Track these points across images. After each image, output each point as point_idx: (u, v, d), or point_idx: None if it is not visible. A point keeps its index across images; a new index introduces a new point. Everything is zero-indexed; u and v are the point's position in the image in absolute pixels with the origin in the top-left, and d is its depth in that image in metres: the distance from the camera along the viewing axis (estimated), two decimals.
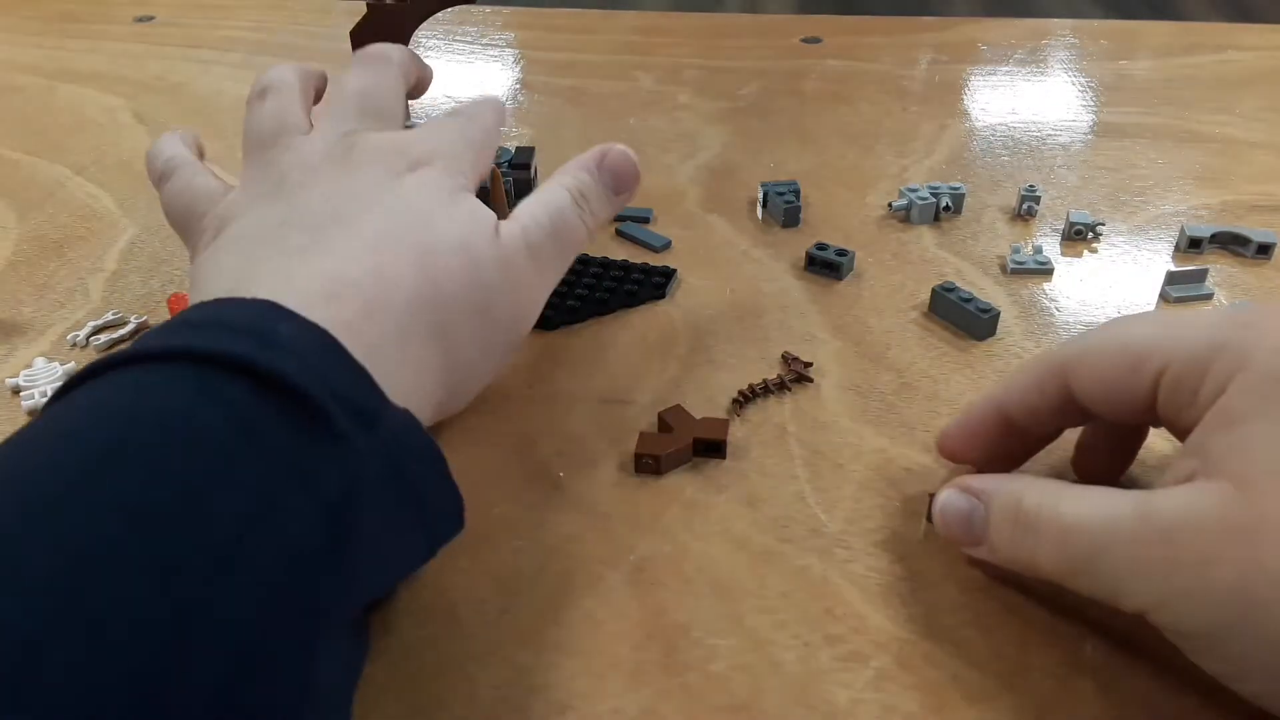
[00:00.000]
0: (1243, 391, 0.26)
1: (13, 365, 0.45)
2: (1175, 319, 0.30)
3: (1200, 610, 0.25)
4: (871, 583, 0.33)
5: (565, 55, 0.79)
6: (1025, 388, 0.33)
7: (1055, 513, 0.28)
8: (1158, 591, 0.26)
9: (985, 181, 0.58)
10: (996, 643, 0.31)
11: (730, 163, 0.61)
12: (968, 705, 0.29)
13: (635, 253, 0.52)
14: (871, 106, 0.69)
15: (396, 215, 0.34)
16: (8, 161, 0.64)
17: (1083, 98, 0.70)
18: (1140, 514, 0.26)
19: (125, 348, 0.27)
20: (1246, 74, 0.73)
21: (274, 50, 0.80)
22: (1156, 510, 0.26)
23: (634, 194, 0.42)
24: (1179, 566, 0.25)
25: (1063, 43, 0.79)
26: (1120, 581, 0.26)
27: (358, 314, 0.30)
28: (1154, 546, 0.25)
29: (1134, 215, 0.54)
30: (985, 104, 0.69)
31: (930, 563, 0.34)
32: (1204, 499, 0.25)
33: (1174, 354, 0.28)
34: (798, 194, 0.55)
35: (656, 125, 0.66)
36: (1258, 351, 0.26)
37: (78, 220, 0.57)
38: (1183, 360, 0.28)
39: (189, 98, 0.72)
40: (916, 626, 0.32)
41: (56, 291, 0.50)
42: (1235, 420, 0.26)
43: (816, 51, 0.78)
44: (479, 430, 0.41)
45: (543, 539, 0.35)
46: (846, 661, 0.31)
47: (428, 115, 0.69)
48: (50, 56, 0.80)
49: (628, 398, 0.42)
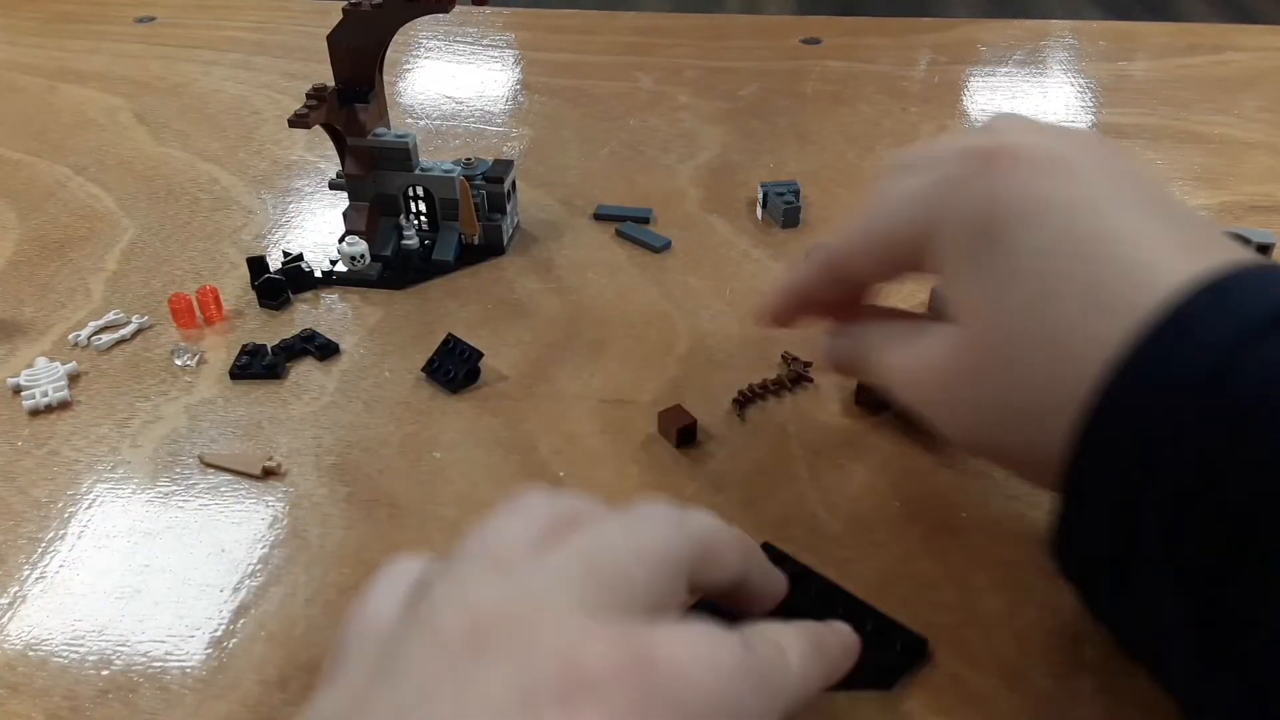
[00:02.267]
0: (944, 250, 0.30)
1: (14, 365, 0.45)
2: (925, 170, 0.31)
3: None
4: (871, 583, 0.33)
5: (565, 55, 0.79)
6: (851, 249, 0.34)
7: (880, 362, 0.33)
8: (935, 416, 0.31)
9: None
10: (996, 643, 0.31)
11: (730, 163, 0.61)
12: (968, 705, 0.30)
13: (636, 253, 0.52)
14: (871, 107, 0.69)
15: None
16: (9, 161, 0.64)
17: (1082, 98, 0.70)
18: (920, 359, 0.31)
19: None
20: (1245, 75, 0.73)
21: (274, 50, 0.81)
22: (925, 353, 0.31)
23: None
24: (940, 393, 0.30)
25: (1062, 43, 0.79)
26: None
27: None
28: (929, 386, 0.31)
29: None
30: (985, 105, 0.69)
31: (930, 562, 0.34)
32: (942, 344, 0.30)
33: (911, 229, 0.31)
34: (798, 194, 0.55)
35: (656, 125, 0.66)
36: (949, 215, 0.29)
37: (79, 220, 0.57)
38: (910, 231, 0.31)
39: (189, 98, 0.72)
40: (916, 626, 0.32)
41: (58, 291, 0.50)
42: (947, 276, 0.30)
43: (816, 52, 0.78)
44: (479, 430, 0.41)
45: None
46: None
47: (427, 117, 0.69)
48: (51, 57, 0.80)
49: (628, 398, 0.42)
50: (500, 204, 0.52)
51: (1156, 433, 0.23)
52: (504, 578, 0.24)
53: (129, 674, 0.31)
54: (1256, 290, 0.24)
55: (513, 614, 0.22)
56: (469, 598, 0.23)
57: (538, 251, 0.53)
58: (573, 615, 0.22)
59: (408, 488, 0.38)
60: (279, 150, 0.64)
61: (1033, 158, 0.28)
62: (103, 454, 0.40)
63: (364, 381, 0.44)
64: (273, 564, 0.35)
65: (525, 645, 0.22)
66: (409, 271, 0.51)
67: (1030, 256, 0.27)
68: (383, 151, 0.50)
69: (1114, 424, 0.24)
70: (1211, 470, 0.23)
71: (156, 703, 0.30)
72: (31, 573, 0.35)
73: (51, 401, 0.42)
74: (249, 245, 0.54)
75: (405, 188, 0.51)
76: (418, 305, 0.49)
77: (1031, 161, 0.28)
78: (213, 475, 0.39)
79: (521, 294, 0.49)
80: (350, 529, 0.36)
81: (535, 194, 0.58)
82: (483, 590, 0.23)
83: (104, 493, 0.38)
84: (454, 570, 0.25)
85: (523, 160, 0.62)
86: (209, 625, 0.33)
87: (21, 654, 0.32)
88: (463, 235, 0.52)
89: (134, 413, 0.42)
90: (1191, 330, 0.24)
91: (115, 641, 0.32)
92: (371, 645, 0.24)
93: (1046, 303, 0.27)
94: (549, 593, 0.23)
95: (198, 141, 0.66)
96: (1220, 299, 0.24)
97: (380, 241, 0.51)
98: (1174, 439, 0.23)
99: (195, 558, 0.35)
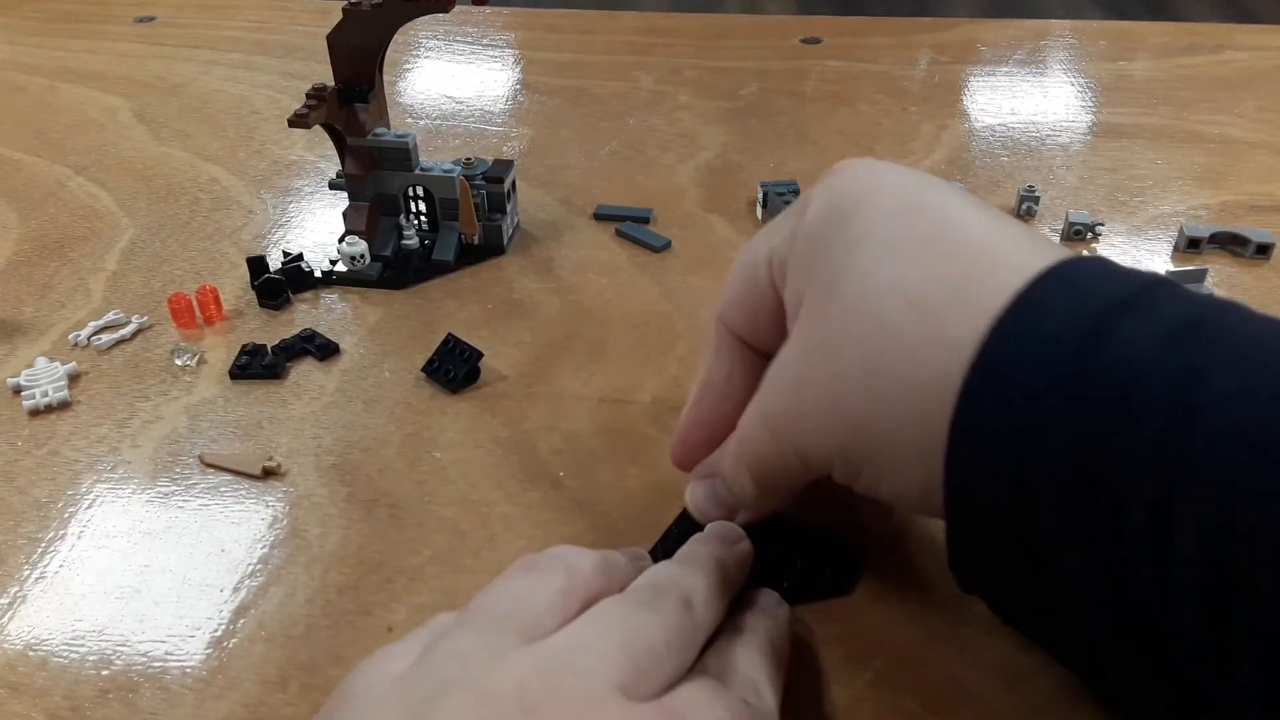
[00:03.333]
0: (794, 260, 0.29)
1: (14, 365, 0.45)
2: None
3: None
4: (871, 583, 0.33)
5: (565, 55, 0.79)
6: (725, 306, 0.33)
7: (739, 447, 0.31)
8: None
9: (985, 182, 0.58)
10: (996, 643, 0.31)
11: (730, 163, 0.61)
12: (968, 705, 0.30)
13: (636, 253, 0.52)
14: (871, 107, 0.69)
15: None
16: (8, 161, 0.64)
17: (1082, 98, 0.70)
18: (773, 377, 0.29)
19: None
20: (1245, 74, 0.73)
21: (274, 50, 0.81)
22: (776, 370, 0.29)
23: None
24: None
25: (1062, 43, 0.79)
26: None
27: None
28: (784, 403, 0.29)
29: (1133, 215, 0.55)
30: (984, 104, 0.69)
31: (930, 563, 0.34)
32: (790, 347, 0.29)
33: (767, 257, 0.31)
34: (798, 194, 0.55)
35: (656, 125, 0.66)
36: (801, 226, 0.29)
37: (78, 220, 0.57)
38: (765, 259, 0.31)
39: (189, 98, 0.72)
40: (916, 626, 0.32)
41: (57, 291, 0.50)
42: (796, 280, 0.29)
43: (816, 52, 0.78)
44: (479, 430, 0.41)
45: (543, 539, 0.35)
46: (846, 661, 0.31)
47: (427, 117, 0.69)
48: (51, 56, 0.80)
49: (628, 398, 0.42)
50: (500, 204, 0.52)
51: (1029, 423, 0.23)
52: (544, 646, 0.25)
53: (129, 674, 0.31)
54: (1102, 276, 0.25)
55: (558, 687, 0.24)
56: (514, 663, 0.24)
57: (538, 251, 0.53)
58: (613, 697, 0.24)
59: (408, 488, 0.38)
60: (279, 150, 0.64)
61: (870, 164, 0.29)
62: (103, 454, 0.40)
63: (364, 381, 0.44)
64: (273, 564, 0.35)
65: (575, 717, 0.23)
66: (409, 271, 0.51)
67: (883, 220, 0.27)
68: (383, 151, 0.50)
69: (986, 416, 0.24)
70: (1088, 452, 0.22)
71: (156, 703, 0.30)
72: (31, 573, 0.35)
73: (51, 401, 0.42)
74: (249, 245, 0.54)
75: (405, 188, 0.51)
76: (418, 305, 0.49)
77: (870, 164, 0.29)
78: (213, 475, 0.39)
79: (521, 294, 0.49)
80: (350, 529, 0.36)
81: (535, 194, 0.58)
82: (524, 658, 0.24)
83: (104, 493, 0.38)
84: (482, 629, 0.25)
85: (523, 160, 0.62)
86: (209, 625, 0.33)
87: (21, 654, 0.32)
88: (463, 235, 0.52)
89: (134, 413, 0.42)
90: (1051, 314, 0.24)
91: (115, 641, 0.32)
92: (390, 696, 0.24)
93: (904, 266, 0.26)
94: (591, 670, 0.24)
95: (198, 141, 0.66)
96: (1070, 284, 0.25)
97: (380, 241, 0.51)
98: (1043, 430, 0.23)
99: (195, 558, 0.35)
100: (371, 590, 0.34)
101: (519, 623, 0.25)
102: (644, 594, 0.27)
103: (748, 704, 0.26)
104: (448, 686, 0.24)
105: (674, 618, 0.27)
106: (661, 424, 0.41)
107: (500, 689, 0.23)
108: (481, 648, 0.25)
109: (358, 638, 0.32)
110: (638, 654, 0.25)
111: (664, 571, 0.29)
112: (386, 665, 0.26)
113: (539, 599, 0.26)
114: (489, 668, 0.24)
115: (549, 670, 0.24)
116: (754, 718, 0.26)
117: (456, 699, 0.23)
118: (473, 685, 0.24)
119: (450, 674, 0.24)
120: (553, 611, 0.26)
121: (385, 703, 0.24)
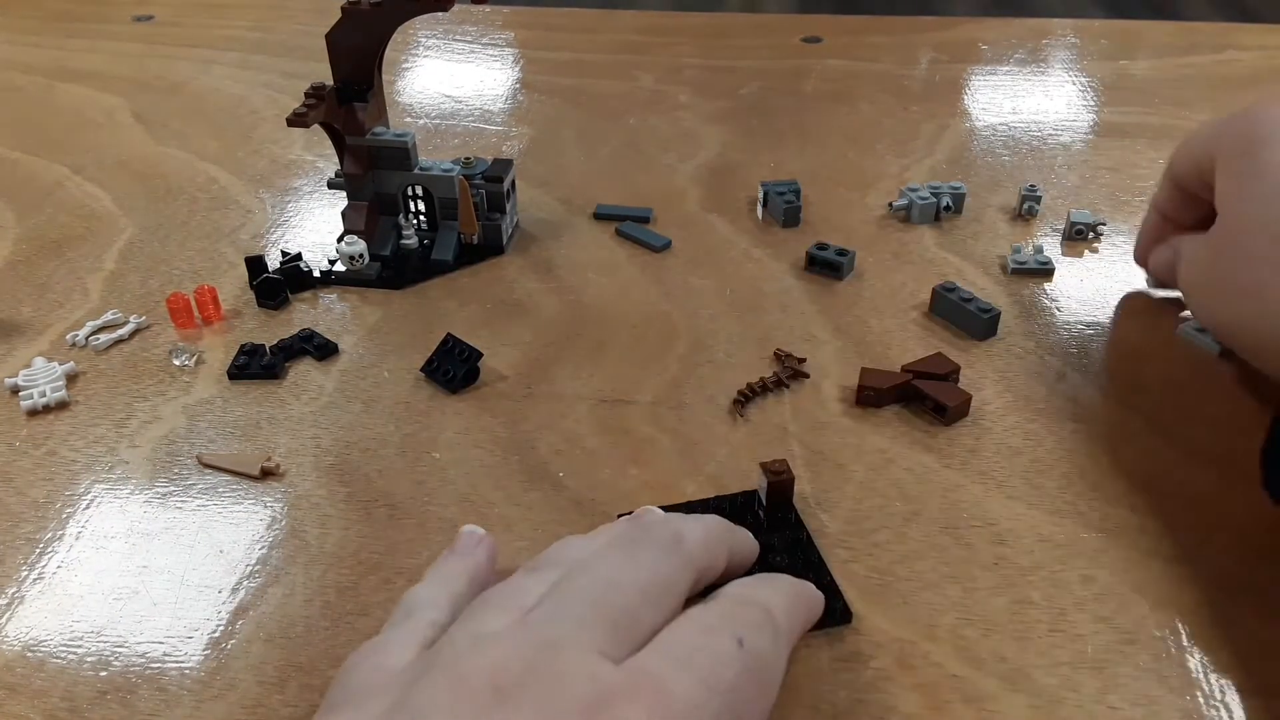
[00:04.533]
0: (1218, 172, 0.39)
1: (12, 365, 0.45)
2: None
3: None
4: (871, 583, 0.33)
5: (565, 55, 0.79)
6: (1169, 195, 0.44)
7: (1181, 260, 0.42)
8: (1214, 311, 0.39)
9: (986, 181, 0.58)
10: (996, 643, 0.31)
11: (730, 163, 0.61)
12: (968, 705, 0.29)
13: (636, 253, 0.52)
14: (872, 106, 0.69)
15: None
16: (7, 161, 0.64)
17: (1083, 97, 0.70)
18: (1188, 258, 0.41)
19: None
20: (1246, 74, 0.73)
21: (272, 49, 0.80)
22: (1192, 253, 0.41)
23: None
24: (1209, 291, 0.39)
25: (1063, 42, 0.79)
26: None
27: None
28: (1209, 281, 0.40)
29: (1135, 215, 0.54)
30: (986, 104, 0.69)
31: (930, 562, 0.34)
32: (1203, 243, 0.39)
33: (1201, 153, 0.41)
34: (798, 194, 0.55)
35: (656, 125, 0.66)
36: (1221, 140, 0.39)
37: (77, 220, 0.57)
38: (1195, 163, 0.42)
39: (187, 97, 0.72)
40: (916, 626, 0.32)
41: (55, 291, 0.50)
42: (1218, 193, 0.39)
43: (817, 51, 0.78)
44: (478, 430, 0.40)
45: (543, 539, 0.35)
46: (846, 661, 0.31)
47: (426, 116, 0.69)
48: (50, 56, 0.80)
49: (628, 398, 0.42)
50: (500, 203, 0.52)
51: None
52: (520, 624, 0.25)
53: (127, 675, 0.31)
54: None
55: (532, 661, 0.24)
56: (489, 645, 0.24)
57: (537, 251, 0.52)
58: (588, 659, 0.24)
59: (407, 488, 0.38)
60: (277, 149, 0.64)
61: None
62: (101, 454, 0.40)
63: (363, 381, 0.44)
64: (271, 564, 0.35)
65: (548, 693, 0.23)
66: (408, 271, 0.50)
67: (1275, 165, 0.36)
68: (382, 150, 0.50)
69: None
70: None
71: (155, 703, 0.30)
72: (29, 574, 0.35)
73: (49, 402, 0.42)
74: (247, 245, 0.54)
75: (404, 187, 0.51)
76: (417, 305, 0.49)
77: None
78: (211, 476, 0.39)
79: (521, 294, 0.49)
80: (349, 529, 0.36)
81: (535, 193, 0.58)
82: (502, 638, 0.25)
83: (102, 493, 0.38)
84: (473, 616, 0.26)
85: (522, 160, 0.62)
86: (207, 626, 0.33)
87: (20, 655, 0.32)
88: (462, 235, 0.52)
89: (132, 413, 0.42)
90: None
91: (113, 642, 0.32)
92: (382, 684, 0.25)
93: (1275, 201, 0.35)
94: (564, 639, 0.24)
95: (196, 141, 0.66)
96: None
97: (379, 241, 0.51)
98: None
99: (193, 558, 0.35)
100: (371, 591, 0.34)
101: (509, 606, 0.26)
102: (625, 547, 0.28)
103: (741, 644, 0.26)
104: (429, 670, 0.24)
105: (654, 559, 0.28)
106: (661, 424, 0.41)
107: (472, 671, 0.24)
108: (473, 634, 0.25)
109: (357, 638, 0.32)
110: (613, 612, 0.26)
111: (655, 513, 0.31)
112: (386, 658, 0.26)
113: (531, 583, 0.27)
114: (467, 650, 0.24)
115: (525, 646, 0.24)
116: (745, 661, 0.25)
117: (432, 683, 0.24)
118: (447, 669, 0.24)
119: (439, 659, 0.25)
120: (544, 588, 0.27)
121: (375, 690, 0.25)
